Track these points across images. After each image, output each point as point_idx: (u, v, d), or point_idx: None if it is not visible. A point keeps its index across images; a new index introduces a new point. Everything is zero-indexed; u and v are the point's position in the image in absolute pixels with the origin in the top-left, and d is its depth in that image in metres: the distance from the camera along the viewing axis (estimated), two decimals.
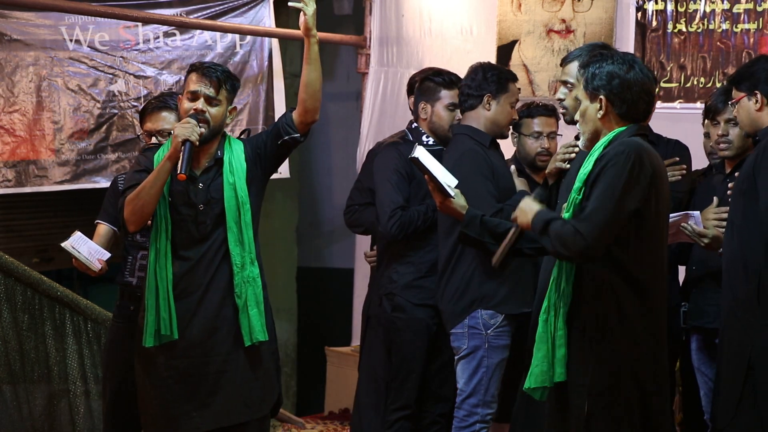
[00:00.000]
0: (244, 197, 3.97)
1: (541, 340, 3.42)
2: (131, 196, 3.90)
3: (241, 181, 3.98)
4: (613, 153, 3.35)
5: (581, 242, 3.29)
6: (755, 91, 3.74)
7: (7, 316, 5.18)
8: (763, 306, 3.56)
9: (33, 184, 6.04)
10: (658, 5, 5.70)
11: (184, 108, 3.94)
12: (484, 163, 4.37)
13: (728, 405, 3.63)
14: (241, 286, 3.96)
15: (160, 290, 3.91)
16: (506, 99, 4.47)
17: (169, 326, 3.91)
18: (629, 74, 3.45)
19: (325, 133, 7.86)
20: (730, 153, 4.29)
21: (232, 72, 4.06)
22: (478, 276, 4.36)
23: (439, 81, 4.68)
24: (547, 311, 3.42)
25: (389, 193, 4.60)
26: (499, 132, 4.51)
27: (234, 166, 3.98)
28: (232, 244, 3.95)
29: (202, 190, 3.96)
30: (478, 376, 4.35)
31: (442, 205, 3.90)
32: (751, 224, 3.60)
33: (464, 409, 4.38)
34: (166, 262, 3.93)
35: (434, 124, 4.68)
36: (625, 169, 3.32)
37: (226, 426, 4.00)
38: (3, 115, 5.93)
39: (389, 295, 4.67)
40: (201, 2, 6.42)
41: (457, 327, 4.39)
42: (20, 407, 5.24)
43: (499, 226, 3.79)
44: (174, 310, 3.91)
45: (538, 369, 3.42)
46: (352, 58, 7.26)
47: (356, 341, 6.62)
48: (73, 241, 4.18)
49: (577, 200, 3.40)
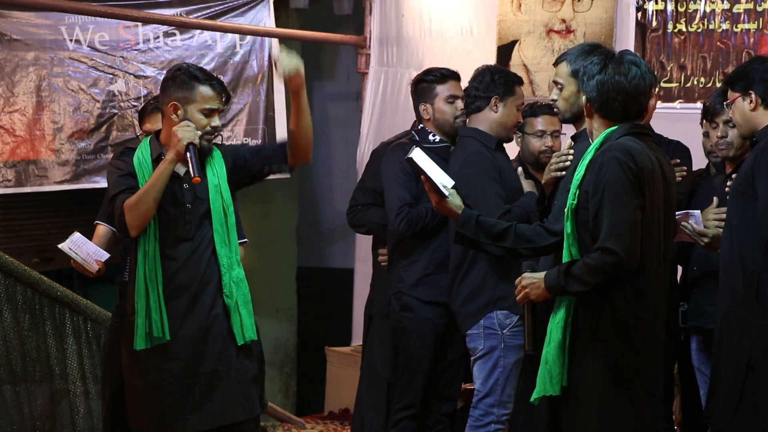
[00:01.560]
0: (228, 200, 3.98)
1: (560, 346, 3.41)
2: (132, 202, 3.86)
3: (225, 184, 3.99)
4: (604, 160, 3.37)
5: (615, 258, 3.30)
6: (749, 91, 3.74)
7: (8, 316, 5.18)
8: (762, 306, 3.56)
9: (33, 184, 6.05)
10: (658, 5, 5.71)
11: (201, 124, 3.90)
12: (490, 164, 4.38)
13: (728, 405, 3.62)
14: (230, 286, 3.96)
15: (151, 292, 3.90)
16: (513, 101, 4.49)
17: (161, 328, 3.89)
18: (600, 75, 3.46)
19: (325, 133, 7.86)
20: (730, 154, 4.30)
21: None
22: (491, 277, 4.37)
23: (431, 79, 4.69)
24: (560, 315, 3.42)
25: (396, 190, 4.61)
26: (505, 134, 4.52)
27: (216, 170, 3.99)
28: (219, 245, 3.95)
29: (188, 189, 3.95)
30: (495, 376, 4.36)
31: (438, 205, 3.91)
32: (749, 225, 3.60)
33: (480, 408, 4.39)
34: (156, 264, 3.91)
35: (438, 120, 4.69)
36: (620, 173, 3.34)
37: (219, 426, 3.99)
38: (3, 115, 5.93)
39: (398, 294, 4.67)
40: (201, 2, 6.42)
41: (472, 328, 4.40)
42: (21, 407, 5.24)
43: (495, 226, 3.79)
44: (165, 312, 3.90)
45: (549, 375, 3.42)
46: (352, 58, 7.25)
47: (356, 341, 6.62)
48: (71, 242, 4.17)
49: (573, 205, 3.42)
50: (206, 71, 4.00)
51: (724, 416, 3.64)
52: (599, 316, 3.39)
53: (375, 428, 4.86)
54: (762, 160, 3.59)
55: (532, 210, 4.32)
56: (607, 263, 3.31)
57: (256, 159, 4.07)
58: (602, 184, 3.36)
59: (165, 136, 3.96)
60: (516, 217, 4.19)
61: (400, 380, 4.69)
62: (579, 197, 3.42)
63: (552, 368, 3.40)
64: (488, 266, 4.37)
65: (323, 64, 8.03)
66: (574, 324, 3.41)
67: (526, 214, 4.29)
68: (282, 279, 7.58)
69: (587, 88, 3.49)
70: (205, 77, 3.94)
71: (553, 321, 3.45)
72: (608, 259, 3.31)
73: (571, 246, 3.43)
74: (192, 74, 3.93)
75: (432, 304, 4.61)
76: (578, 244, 3.43)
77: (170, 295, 3.93)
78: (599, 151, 3.43)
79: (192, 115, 3.91)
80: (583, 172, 3.42)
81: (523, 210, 4.32)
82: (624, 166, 3.35)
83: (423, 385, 4.64)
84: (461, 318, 4.45)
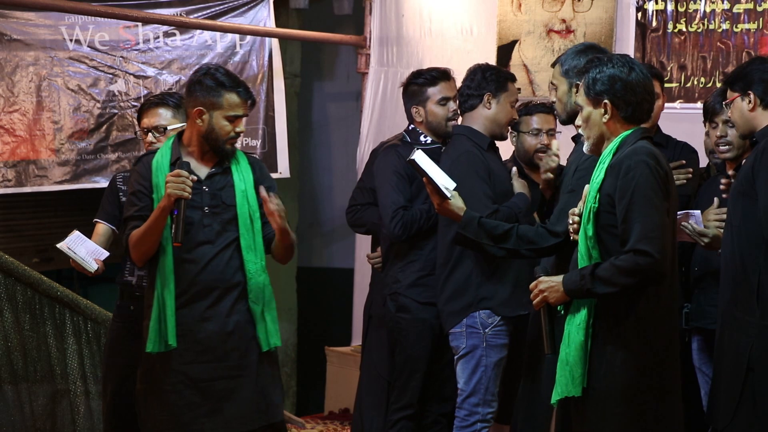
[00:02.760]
0: (255, 205, 3.98)
1: (581, 348, 3.40)
2: (134, 241, 3.91)
3: (252, 190, 3.98)
4: (631, 164, 3.36)
5: (650, 259, 3.30)
6: (749, 92, 3.74)
7: (8, 316, 5.18)
8: (762, 307, 3.56)
9: (33, 184, 6.05)
10: (658, 5, 5.70)
11: (226, 130, 3.91)
12: (480, 164, 4.37)
13: (728, 406, 3.62)
14: (256, 292, 3.96)
15: (167, 297, 3.87)
16: (506, 98, 4.48)
17: (172, 334, 3.86)
18: (631, 76, 3.46)
19: (325, 133, 7.86)
20: (730, 154, 4.30)
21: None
22: (476, 277, 4.37)
23: (421, 82, 4.68)
24: (580, 317, 3.41)
25: (390, 194, 4.60)
26: (498, 132, 4.51)
27: (243, 175, 4.00)
28: (245, 251, 3.95)
29: (207, 192, 3.95)
30: (478, 375, 4.36)
31: (440, 207, 3.90)
32: (749, 225, 3.60)
33: (465, 408, 4.38)
34: (170, 268, 3.90)
35: (431, 123, 4.68)
36: (650, 177, 3.35)
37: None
38: (3, 115, 5.94)
39: (393, 295, 4.67)
40: (201, 2, 6.42)
41: (455, 327, 4.40)
42: (22, 407, 5.24)
43: (497, 227, 3.79)
44: (174, 318, 3.87)
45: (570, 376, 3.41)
46: (352, 58, 7.26)
47: (356, 341, 6.62)
48: (70, 241, 4.16)
49: (595, 208, 3.41)
50: (233, 76, 3.99)
51: (724, 417, 3.64)
52: (621, 318, 3.39)
53: (375, 428, 4.86)
54: (762, 161, 3.59)
55: (520, 211, 4.33)
56: (641, 265, 3.31)
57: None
58: (631, 187, 3.35)
59: (188, 138, 4.01)
60: (503, 218, 4.19)
61: (398, 380, 4.69)
62: (600, 201, 3.41)
63: (574, 370, 3.39)
64: (473, 266, 4.37)
65: (323, 64, 8.04)
66: (595, 326, 3.40)
67: (514, 215, 4.28)
68: (282, 279, 7.58)
69: (612, 90, 3.45)
70: (232, 84, 3.93)
71: (572, 323, 3.44)
72: (642, 261, 3.31)
73: (592, 249, 3.43)
74: (219, 80, 3.92)
75: (428, 304, 4.61)
76: (599, 248, 3.43)
77: (191, 298, 3.92)
78: (621, 154, 3.42)
79: (217, 121, 3.92)
80: (602, 176, 3.42)
81: (511, 210, 4.31)
82: (653, 169, 3.36)
83: (420, 385, 4.63)
84: (444, 316, 4.46)
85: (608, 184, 3.41)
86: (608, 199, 3.41)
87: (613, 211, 3.40)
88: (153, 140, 4.31)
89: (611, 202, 3.40)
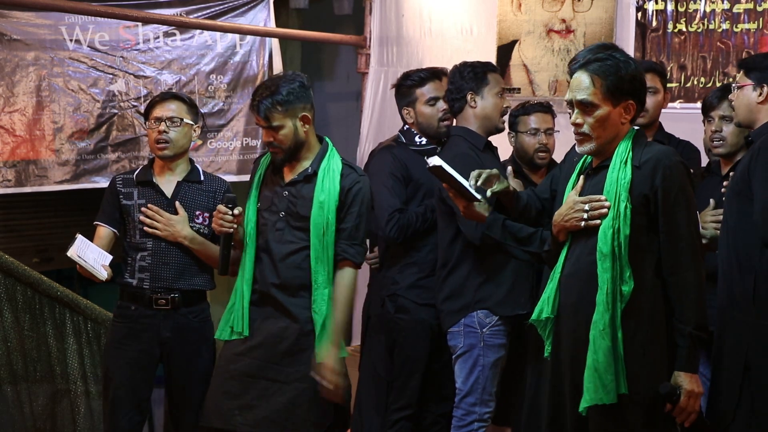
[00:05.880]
0: (332, 218, 3.99)
1: (609, 353, 3.34)
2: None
3: (333, 203, 3.99)
4: (668, 164, 3.36)
5: None
6: (763, 84, 3.73)
7: (8, 316, 5.18)
8: (759, 307, 3.56)
9: (33, 184, 6.05)
10: (658, 5, 5.70)
11: (265, 140, 4.05)
12: (475, 166, 4.35)
13: (727, 406, 3.62)
14: (319, 303, 3.99)
15: (245, 288, 4.03)
16: (489, 90, 4.48)
17: (241, 324, 4.02)
18: (637, 71, 3.47)
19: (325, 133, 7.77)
20: (723, 150, 4.29)
21: (280, 94, 3.97)
22: (475, 279, 4.38)
23: (409, 83, 4.70)
24: (604, 322, 3.35)
25: (386, 197, 4.60)
26: (493, 126, 4.51)
27: (326, 186, 4.01)
28: (314, 261, 3.99)
29: (286, 197, 4.02)
30: (475, 374, 4.36)
31: (465, 209, 3.87)
32: (745, 225, 3.60)
33: (462, 408, 4.39)
34: (248, 263, 4.04)
35: (422, 124, 4.69)
36: (687, 178, 3.40)
37: None
38: (3, 115, 5.94)
39: (392, 296, 4.67)
40: (201, 2, 6.43)
41: (453, 326, 4.41)
42: (22, 406, 5.24)
43: (521, 230, 3.80)
44: (247, 310, 4.02)
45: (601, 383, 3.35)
46: (352, 58, 7.26)
47: (356, 341, 6.61)
48: (77, 248, 4.12)
49: (628, 209, 3.36)
50: (255, 95, 4.03)
51: (724, 417, 3.64)
52: (652, 317, 3.38)
53: (375, 428, 4.86)
54: (758, 161, 3.59)
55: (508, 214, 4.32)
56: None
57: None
58: (674, 188, 3.36)
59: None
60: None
61: (397, 381, 4.69)
62: (633, 201, 3.36)
63: (604, 377, 3.33)
64: (472, 267, 4.38)
65: (323, 64, 8.04)
66: (624, 331, 3.36)
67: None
68: None
69: (638, 91, 3.45)
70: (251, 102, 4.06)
71: (594, 329, 3.36)
72: None
73: (624, 249, 3.36)
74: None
75: (427, 305, 4.61)
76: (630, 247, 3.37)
77: (260, 296, 4.05)
78: (647, 154, 3.40)
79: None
80: (629, 175, 3.39)
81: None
82: (687, 170, 3.42)
83: (419, 385, 4.64)
84: (443, 315, 4.47)
85: (638, 183, 3.37)
86: (642, 200, 3.37)
87: (644, 211, 3.37)
88: (165, 129, 4.29)
89: (644, 202, 3.37)
